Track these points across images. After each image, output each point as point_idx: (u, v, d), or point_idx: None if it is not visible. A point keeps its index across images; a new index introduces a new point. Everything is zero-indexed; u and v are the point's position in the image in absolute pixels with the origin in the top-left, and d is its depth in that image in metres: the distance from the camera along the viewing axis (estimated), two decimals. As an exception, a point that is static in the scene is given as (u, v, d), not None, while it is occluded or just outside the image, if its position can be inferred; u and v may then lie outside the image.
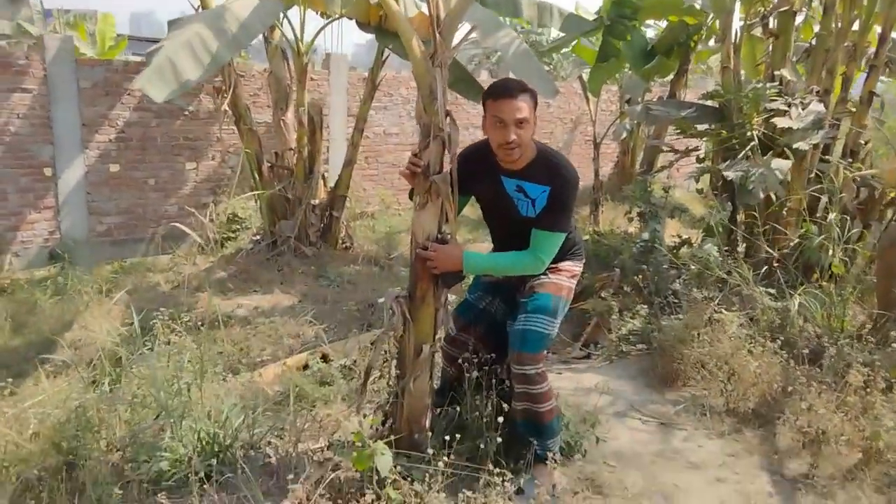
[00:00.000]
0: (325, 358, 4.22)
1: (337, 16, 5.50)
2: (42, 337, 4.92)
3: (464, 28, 2.57)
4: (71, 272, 6.20)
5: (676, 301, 4.54)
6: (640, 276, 4.82)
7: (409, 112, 9.49)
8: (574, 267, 2.65)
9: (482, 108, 2.40)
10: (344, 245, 6.38)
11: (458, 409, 2.62)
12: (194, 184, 7.86)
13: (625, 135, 8.00)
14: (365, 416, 2.50)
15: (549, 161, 2.40)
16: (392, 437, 2.33)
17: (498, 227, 2.68)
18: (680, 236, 5.86)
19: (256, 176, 6.07)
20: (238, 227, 7.70)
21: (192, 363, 3.88)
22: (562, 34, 6.72)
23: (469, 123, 10.12)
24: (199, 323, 4.80)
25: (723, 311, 4.03)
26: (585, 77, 7.63)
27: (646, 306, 4.41)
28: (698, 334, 3.77)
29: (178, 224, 7.57)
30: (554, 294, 2.54)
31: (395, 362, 2.51)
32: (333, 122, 8.66)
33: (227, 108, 5.87)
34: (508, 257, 2.46)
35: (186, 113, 7.60)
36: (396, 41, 5.44)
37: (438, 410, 2.62)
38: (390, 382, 2.56)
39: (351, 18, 5.43)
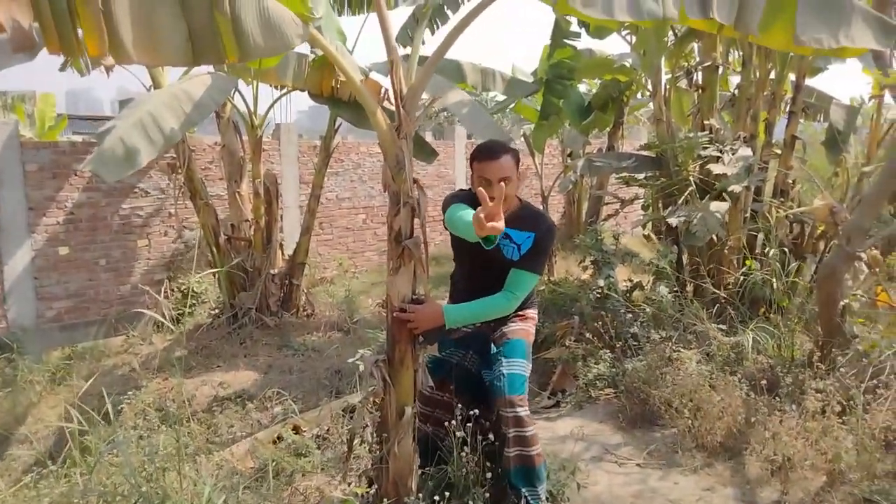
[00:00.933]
0: (296, 430, 4.17)
1: (290, 88, 5.66)
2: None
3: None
4: (20, 362, 5.97)
5: (637, 343, 4.71)
6: (600, 322, 4.98)
7: (360, 176, 9.66)
8: (535, 314, 2.91)
9: (469, 167, 2.63)
10: (305, 312, 6.37)
11: (444, 468, 2.65)
12: (147, 261, 7.74)
13: (570, 187, 8.33)
14: (350, 484, 2.51)
15: (532, 211, 2.67)
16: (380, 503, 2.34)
17: (474, 270, 2.77)
18: (632, 280, 6.09)
19: (214, 249, 6.05)
20: (195, 302, 7.59)
21: (164, 447, 3.81)
22: (504, 97, 7.06)
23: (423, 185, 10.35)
24: (165, 404, 4.72)
25: (681, 349, 4.21)
26: (528, 133, 7.98)
27: (608, 351, 4.55)
28: (661, 374, 3.92)
29: (135, 305, 7.44)
30: (526, 339, 2.75)
31: (376, 427, 2.54)
32: (286, 191, 8.73)
33: (183, 184, 5.89)
34: (485, 302, 2.53)
35: (137, 191, 7.56)
36: (349, 110, 5.64)
37: (422, 471, 2.65)
38: (373, 448, 2.58)
39: (304, 91, 5.59)
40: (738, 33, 2.46)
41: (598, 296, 5.08)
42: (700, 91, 5.96)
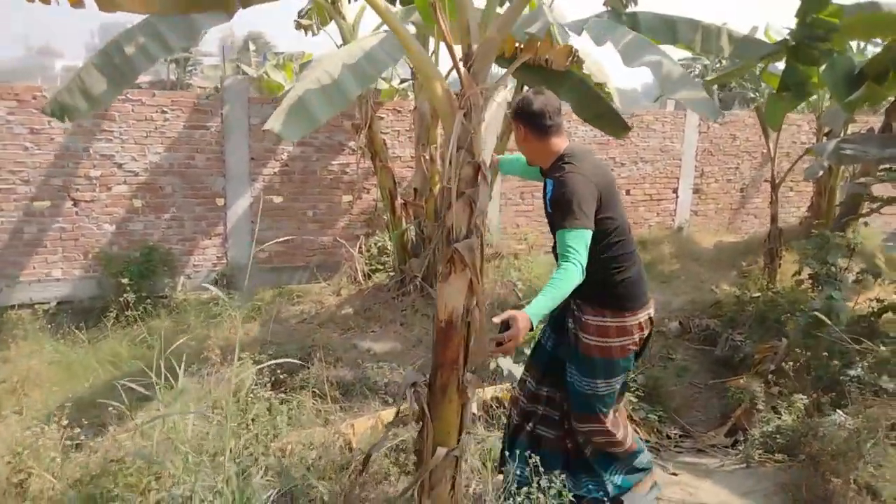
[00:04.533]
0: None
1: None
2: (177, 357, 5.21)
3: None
4: (226, 299, 6.59)
5: (861, 391, 3.54)
6: (807, 355, 3.89)
7: (570, 146, 8.99)
8: (602, 321, 2.52)
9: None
10: (474, 288, 6.06)
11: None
12: (349, 216, 8.08)
13: (820, 173, 6.73)
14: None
15: (561, 161, 2.53)
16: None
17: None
18: (883, 301, 4.73)
19: (391, 213, 6.00)
20: (388, 259, 7.76)
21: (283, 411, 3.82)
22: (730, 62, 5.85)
23: (637, 158, 9.36)
24: (311, 362, 4.81)
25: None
26: (762, 106, 6.55)
27: (804, 397, 3.50)
28: (872, 445, 2.87)
29: (335, 256, 7.85)
30: (585, 355, 2.55)
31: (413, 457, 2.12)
32: (487, 156, 8.44)
33: (363, 145, 5.89)
34: (552, 284, 2.24)
35: (345, 148, 7.86)
36: (532, 73, 5.08)
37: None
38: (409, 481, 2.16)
39: (485, 52, 5.16)
40: None
41: (811, 321, 3.94)
42: None
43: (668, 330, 5.78)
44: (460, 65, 1.83)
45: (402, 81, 12.12)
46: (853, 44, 7.37)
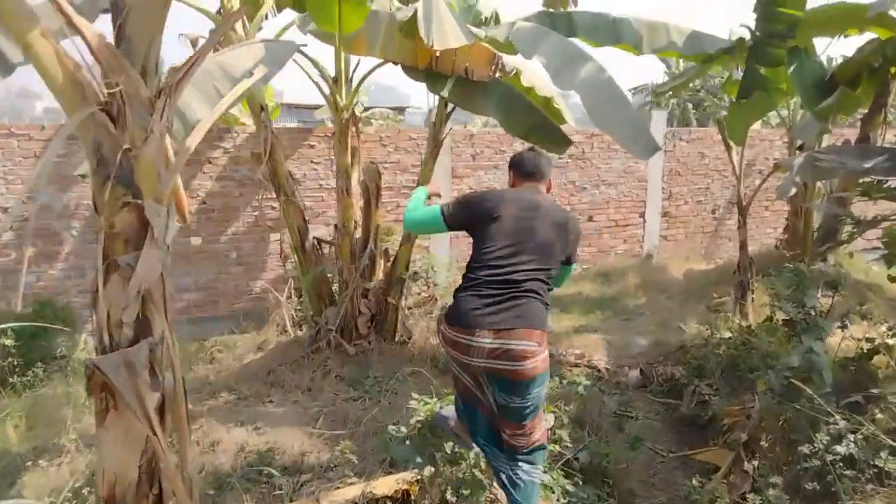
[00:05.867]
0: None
1: (382, 61, 4.50)
2: (33, 446, 4.30)
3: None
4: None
5: (855, 475, 2.72)
6: (785, 421, 3.07)
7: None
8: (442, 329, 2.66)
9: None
10: (401, 339, 5.20)
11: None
12: (279, 257, 7.25)
13: (792, 192, 5.96)
14: None
15: None
16: None
17: None
18: (872, 341, 3.97)
19: (299, 254, 5.17)
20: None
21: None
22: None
23: (599, 181, 8.62)
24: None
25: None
26: (724, 118, 5.80)
27: (779, 478, 2.67)
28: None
29: (264, 301, 7.01)
30: None
31: None
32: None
33: (263, 177, 5.08)
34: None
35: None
36: (451, 86, 4.32)
37: None
38: None
39: (397, 63, 4.41)
40: None
41: (787, 379, 3.12)
42: None
43: (626, 380, 4.95)
44: (78, 22, 1.01)
45: (366, 109, 11.36)
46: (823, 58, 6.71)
